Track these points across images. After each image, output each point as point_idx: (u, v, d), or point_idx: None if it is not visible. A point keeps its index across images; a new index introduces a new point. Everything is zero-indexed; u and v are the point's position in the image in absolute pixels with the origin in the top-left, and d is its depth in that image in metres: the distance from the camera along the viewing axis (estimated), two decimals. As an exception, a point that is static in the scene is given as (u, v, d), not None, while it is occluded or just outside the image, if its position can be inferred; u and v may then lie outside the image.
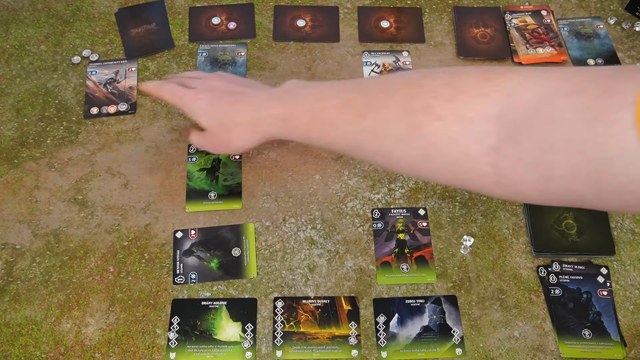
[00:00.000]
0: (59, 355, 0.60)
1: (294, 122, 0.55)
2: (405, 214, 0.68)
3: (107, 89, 0.75)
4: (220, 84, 0.62)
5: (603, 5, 0.85)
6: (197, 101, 0.60)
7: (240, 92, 0.60)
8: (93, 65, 0.77)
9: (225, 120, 0.59)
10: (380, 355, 0.61)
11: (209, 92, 0.61)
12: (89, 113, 0.74)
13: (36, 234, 0.67)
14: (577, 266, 0.65)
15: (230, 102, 0.59)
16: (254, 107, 0.58)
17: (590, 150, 0.37)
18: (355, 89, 0.52)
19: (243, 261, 0.66)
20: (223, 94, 0.60)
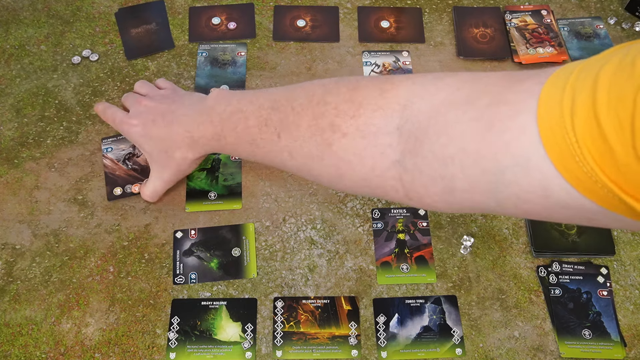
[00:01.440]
0: (59, 355, 0.60)
1: (224, 142, 0.56)
2: (405, 214, 0.68)
3: (127, 166, 0.70)
4: (150, 104, 0.62)
5: (603, 5, 0.85)
6: (132, 128, 0.61)
7: (170, 110, 0.60)
8: (107, 141, 0.71)
9: (165, 146, 0.60)
10: (380, 355, 0.61)
11: (140, 117, 0.61)
12: (112, 195, 0.68)
13: (36, 234, 0.67)
14: (577, 266, 0.65)
15: (164, 126, 0.59)
16: (187, 128, 0.58)
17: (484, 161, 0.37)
18: (270, 105, 0.52)
19: (243, 261, 0.66)
20: (155, 116, 0.60)
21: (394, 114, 0.43)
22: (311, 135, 0.48)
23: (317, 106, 0.48)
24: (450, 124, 0.39)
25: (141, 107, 0.62)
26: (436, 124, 0.40)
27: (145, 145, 0.61)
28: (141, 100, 0.63)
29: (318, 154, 0.48)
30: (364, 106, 0.45)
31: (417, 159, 0.42)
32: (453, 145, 0.39)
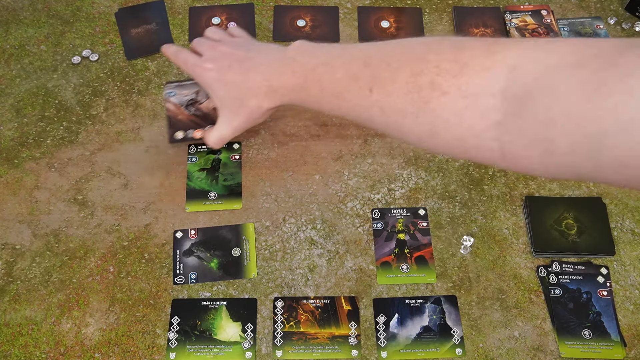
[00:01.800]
0: (59, 355, 0.60)
1: (306, 93, 0.55)
2: (405, 214, 0.68)
3: (190, 111, 0.69)
4: (226, 49, 0.60)
5: (603, 5, 0.85)
6: (206, 72, 0.59)
7: (248, 57, 0.59)
8: (170, 86, 0.69)
9: (239, 94, 0.59)
10: (380, 355, 0.61)
11: (216, 62, 0.59)
12: (174, 138, 0.67)
13: (36, 234, 0.67)
14: (577, 266, 0.65)
15: (241, 72, 0.58)
16: (266, 76, 0.57)
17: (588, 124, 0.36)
18: (362, 62, 0.51)
19: (243, 261, 0.66)
20: (231, 62, 0.59)
21: (500, 75, 0.43)
22: (407, 92, 0.47)
23: (416, 63, 0.47)
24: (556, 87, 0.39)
25: (216, 53, 0.60)
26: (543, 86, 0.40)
27: (218, 91, 0.60)
28: (216, 45, 0.61)
29: (413, 111, 0.47)
30: (469, 66, 0.44)
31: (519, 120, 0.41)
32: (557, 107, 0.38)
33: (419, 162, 0.72)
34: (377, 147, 0.73)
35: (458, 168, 0.71)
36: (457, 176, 0.71)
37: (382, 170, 0.71)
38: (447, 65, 0.45)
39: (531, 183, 0.70)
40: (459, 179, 0.71)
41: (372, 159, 0.72)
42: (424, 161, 0.72)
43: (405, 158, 0.72)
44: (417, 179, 0.71)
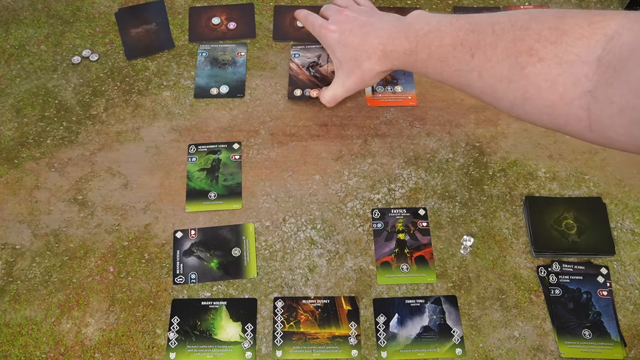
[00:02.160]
0: (59, 355, 0.60)
1: (415, 58, 0.59)
2: (405, 214, 0.68)
3: (310, 72, 0.77)
4: (350, 14, 0.65)
5: (603, 6, 0.85)
6: (329, 34, 0.65)
7: (369, 23, 0.63)
8: (296, 48, 0.78)
9: (356, 55, 0.63)
10: (380, 355, 0.61)
11: (340, 25, 0.65)
12: (293, 94, 0.75)
13: (36, 234, 0.67)
14: (577, 266, 0.65)
15: (361, 35, 0.63)
16: (382, 41, 0.61)
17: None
18: (469, 27, 0.54)
19: (243, 261, 0.66)
20: (353, 26, 0.64)
21: (597, 44, 0.44)
22: (506, 57, 0.49)
23: (519, 30, 0.49)
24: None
25: (341, 17, 0.65)
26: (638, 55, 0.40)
27: (337, 52, 0.65)
28: (342, 10, 0.66)
29: (508, 76, 0.49)
30: (568, 34, 0.46)
31: (610, 89, 0.42)
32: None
33: (419, 162, 0.72)
34: (377, 147, 0.73)
35: (458, 168, 0.71)
36: (457, 176, 0.71)
37: (382, 170, 0.71)
38: (547, 33, 0.47)
39: (531, 183, 0.70)
40: (459, 179, 0.71)
41: (372, 159, 0.72)
42: (424, 161, 0.72)
43: (405, 158, 0.72)
44: (417, 179, 0.71)
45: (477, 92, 0.54)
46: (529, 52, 0.47)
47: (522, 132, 0.74)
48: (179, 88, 0.77)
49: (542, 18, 0.48)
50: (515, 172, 0.71)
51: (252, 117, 0.75)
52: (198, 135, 0.73)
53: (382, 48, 0.61)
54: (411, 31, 0.59)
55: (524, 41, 0.48)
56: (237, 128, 0.74)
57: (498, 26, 0.51)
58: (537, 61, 0.47)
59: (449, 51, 0.55)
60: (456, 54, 0.54)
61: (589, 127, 0.45)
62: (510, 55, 0.49)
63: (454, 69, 0.55)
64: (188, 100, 0.76)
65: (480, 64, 0.52)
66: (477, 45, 0.52)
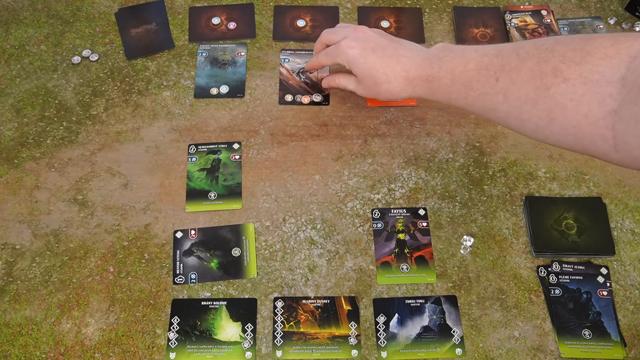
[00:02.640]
0: (59, 355, 0.60)
1: (437, 83, 0.59)
2: (405, 214, 0.68)
3: (300, 78, 0.77)
4: (372, 34, 0.65)
5: (603, 5, 0.85)
6: (350, 49, 0.64)
7: (392, 47, 0.63)
8: (286, 52, 0.79)
9: (376, 75, 0.63)
10: (380, 355, 0.61)
11: (360, 42, 0.64)
12: (284, 100, 0.75)
13: (36, 234, 0.67)
14: (577, 266, 0.65)
15: (382, 57, 0.62)
16: (405, 67, 0.61)
17: None
18: (493, 53, 0.55)
19: (243, 261, 0.66)
20: (375, 46, 0.63)
21: (622, 64, 0.44)
22: (530, 78, 0.50)
23: (543, 53, 0.50)
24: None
25: (360, 34, 0.65)
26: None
27: (355, 68, 0.64)
28: (360, 28, 0.66)
29: (533, 97, 0.50)
30: (592, 54, 0.46)
31: (635, 108, 0.42)
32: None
33: (419, 162, 0.72)
34: (377, 147, 0.73)
35: (458, 168, 0.71)
36: (457, 176, 0.71)
37: (382, 170, 0.71)
38: (571, 54, 0.47)
39: (531, 183, 0.70)
40: (459, 179, 0.71)
41: (372, 159, 0.72)
42: (424, 161, 0.72)
43: (405, 158, 0.72)
44: (417, 179, 0.71)
45: (503, 116, 0.54)
46: (553, 73, 0.48)
47: (522, 132, 0.74)
48: (179, 88, 0.77)
49: (567, 41, 0.49)
50: (515, 172, 0.71)
51: (252, 117, 0.75)
52: (198, 135, 0.73)
53: (404, 75, 0.61)
54: (435, 58, 0.59)
55: (548, 62, 0.48)
56: (237, 128, 0.74)
57: (522, 50, 0.52)
58: (561, 81, 0.47)
59: (473, 76, 0.55)
60: (480, 78, 0.54)
61: (614, 147, 0.45)
62: (535, 76, 0.49)
63: (478, 92, 0.55)
64: (188, 100, 0.76)
65: (505, 86, 0.52)
66: (502, 68, 0.52)
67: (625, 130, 0.43)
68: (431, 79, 0.59)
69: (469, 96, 0.56)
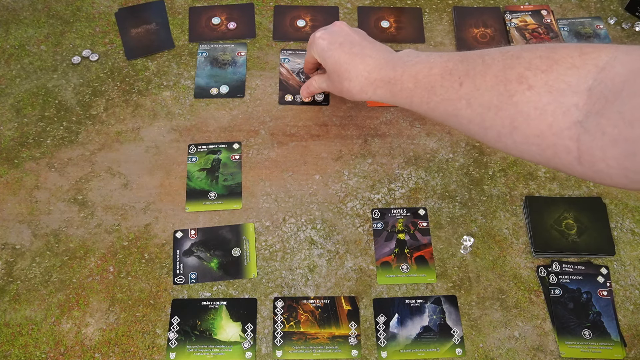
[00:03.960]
0: (59, 355, 0.60)
1: (400, 87, 0.58)
2: (405, 214, 0.68)
3: (300, 78, 0.77)
4: (346, 29, 0.65)
5: (603, 5, 0.85)
6: (319, 40, 0.64)
7: (361, 45, 0.62)
8: (285, 52, 0.79)
9: (339, 71, 0.62)
10: (380, 355, 0.61)
11: (331, 35, 0.64)
12: (284, 100, 0.76)
13: (36, 234, 0.67)
14: (577, 266, 0.65)
15: (348, 53, 0.62)
16: (368, 68, 0.60)
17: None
18: (459, 59, 0.54)
19: (243, 261, 0.66)
20: (344, 41, 0.63)
21: (589, 74, 0.44)
22: (495, 84, 0.49)
23: (509, 59, 0.49)
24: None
25: (335, 28, 0.65)
26: (632, 86, 0.40)
27: (324, 59, 0.64)
28: (339, 23, 0.66)
29: (497, 104, 0.49)
30: (559, 63, 0.45)
31: (601, 119, 0.41)
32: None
33: (419, 162, 0.72)
34: (377, 147, 0.73)
35: (458, 168, 0.71)
36: (457, 176, 0.71)
37: (382, 170, 0.71)
38: (537, 61, 0.46)
39: (531, 183, 0.70)
40: (459, 179, 0.71)
41: (372, 159, 0.72)
42: (424, 161, 0.72)
43: (405, 158, 0.72)
44: (417, 179, 0.71)
45: (465, 122, 0.53)
46: (518, 80, 0.47)
47: (522, 132, 0.74)
48: (179, 88, 0.77)
49: (534, 48, 0.48)
50: (515, 172, 0.71)
51: (252, 117, 0.75)
52: (198, 135, 0.73)
53: (366, 75, 0.60)
54: (399, 62, 0.58)
55: (514, 69, 0.48)
56: (237, 128, 0.74)
57: (488, 56, 0.51)
58: (526, 89, 0.46)
59: (436, 80, 0.54)
60: (444, 82, 0.53)
61: (578, 159, 0.44)
62: (500, 82, 0.48)
63: (441, 98, 0.54)
64: (188, 100, 0.76)
65: (468, 91, 0.51)
66: (467, 73, 0.51)
67: (590, 143, 0.42)
68: (393, 82, 0.58)
69: (432, 101, 0.55)
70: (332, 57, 0.62)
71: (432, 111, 0.56)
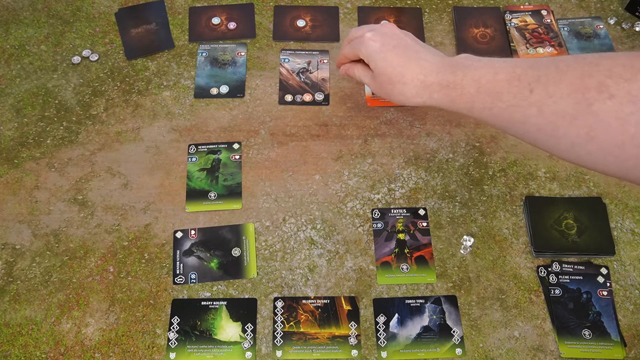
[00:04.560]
0: (59, 355, 0.60)
1: (460, 91, 0.56)
2: (405, 214, 0.68)
3: (300, 78, 0.77)
4: (397, 32, 0.63)
5: (603, 5, 0.85)
6: (371, 42, 0.62)
7: (414, 48, 0.61)
8: (286, 52, 0.79)
9: (392, 74, 0.60)
10: (380, 355, 0.61)
11: (383, 37, 0.62)
12: (284, 100, 0.76)
13: (36, 234, 0.67)
14: (577, 266, 0.65)
15: (402, 57, 0.60)
16: (424, 71, 0.58)
17: None
18: (527, 65, 0.52)
19: (243, 261, 0.66)
20: (398, 44, 0.61)
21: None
22: (571, 92, 0.47)
23: (587, 66, 0.47)
24: None
25: (386, 30, 0.63)
26: None
27: (372, 63, 0.62)
28: (390, 25, 0.64)
29: (572, 113, 0.47)
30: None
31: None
32: None
33: (419, 162, 0.72)
34: (377, 147, 0.73)
35: (458, 168, 0.71)
36: (457, 176, 0.71)
37: (382, 170, 0.71)
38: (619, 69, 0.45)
39: (531, 183, 0.70)
40: (459, 179, 0.71)
41: (372, 159, 0.72)
42: (424, 161, 0.72)
43: (405, 158, 0.72)
44: (417, 179, 0.71)
45: (533, 130, 0.51)
46: (598, 88, 0.45)
47: (522, 132, 0.74)
48: (179, 88, 0.77)
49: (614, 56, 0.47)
50: (515, 172, 0.71)
51: (252, 117, 0.75)
52: (198, 135, 0.73)
53: (422, 78, 0.58)
54: (459, 67, 0.56)
55: (592, 77, 0.46)
56: (237, 128, 0.74)
57: (562, 63, 0.49)
58: (607, 98, 0.44)
59: (502, 86, 0.52)
60: (511, 89, 0.51)
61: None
62: (577, 90, 0.46)
63: (507, 104, 0.52)
64: (188, 100, 0.76)
65: (540, 99, 0.49)
66: (538, 80, 0.49)
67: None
68: (452, 86, 0.56)
69: (496, 107, 0.53)
70: (384, 60, 0.60)
71: (494, 118, 0.54)
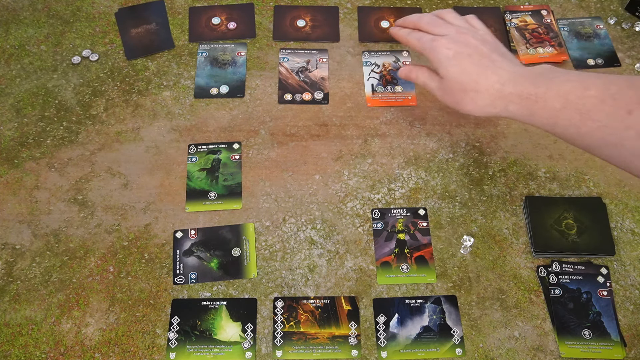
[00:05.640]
0: (59, 355, 0.60)
1: (542, 105, 0.53)
2: (405, 214, 0.68)
3: (299, 77, 0.78)
4: (472, 40, 0.60)
5: (603, 5, 0.85)
6: (443, 49, 0.59)
7: (491, 57, 0.58)
8: (285, 52, 0.79)
9: (466, 82, 0.58)
10: (380, 355, 0.61)
11: (458, 45, 0.59)
12: (283, 99, 0.76)
13: (36, 234, 0.67)
14: (577, 266, 0.65)
15: (477, 65, 0.57)
16: (501, 80, 0.56)
17: None
18: (625, 84, 0.48)
19: (243, 261, 0.66)
20: (473, 53, 0.58)
21: None
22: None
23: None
24: None
25: (462, 38, 0.60)
26: None
27: (443, 69, 0.59)
28: (464, 33, 0.61)
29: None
30: None
31: None
32: None
33: (419, 162, 0.72)
34: (377, 147, 0.73)
35: (458, 168, 0.71)
36: (457, 176, 0.71)
37: (382, 170, 0.71)
38: None
39: (531, 183, 0.70)
40: (459, 179, 0.71)
41: (372, 159, 0.72)
42: (424, 161, 0.72)
43: (405, 158, 0.72)
44: (417, 179, 0.71)
45: (627, 155, 0.48)
46: None
47: (522, 132, 0.74)
48: (179, 88, 0.77)
49: None
50: (515, 172, 0.71)
51: (252, 117, 0.75)
52: (198, 135, 0.73)
53: (499, 87, 0.55)
54: (541, 78, 0.53)
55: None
56: (237, 128, 0.74)
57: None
58: None
59: (593, 104, 0.49)
60: (605, 107, 0.48)
61: None
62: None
63: (599, 124, 0.48)
64: (188, 100, 0.76)
65: None
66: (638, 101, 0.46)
67: None
68: (534, 98, 0.53)
69: (584, 126, 0.49)
70: (458, 66, 0.58)
71: (582, 137, 0.51)
